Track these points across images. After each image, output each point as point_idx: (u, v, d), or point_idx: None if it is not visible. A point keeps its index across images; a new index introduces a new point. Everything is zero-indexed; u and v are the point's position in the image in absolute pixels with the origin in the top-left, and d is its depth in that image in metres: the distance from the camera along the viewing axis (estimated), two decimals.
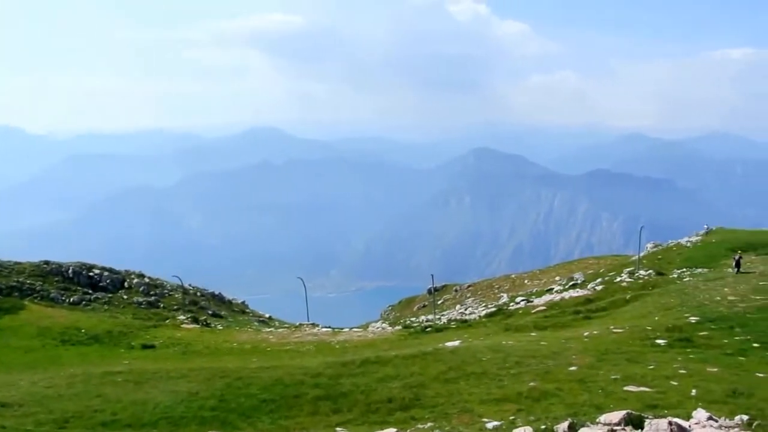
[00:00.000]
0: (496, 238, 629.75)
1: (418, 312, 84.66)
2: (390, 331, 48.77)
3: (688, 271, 53.35)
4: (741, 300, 36.07)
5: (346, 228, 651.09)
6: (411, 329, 47.90)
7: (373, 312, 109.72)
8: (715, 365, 22.69)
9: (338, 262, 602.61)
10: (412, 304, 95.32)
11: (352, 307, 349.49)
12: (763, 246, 61.27)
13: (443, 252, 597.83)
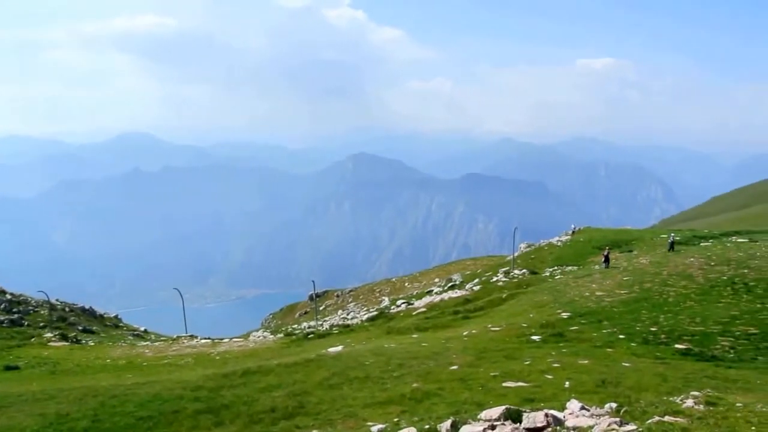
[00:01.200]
0: (376, 243, 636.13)
1: (300, 319, 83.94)
2: (272, 340, 47.94)
3: (559, 269, 55.75)
4: (607, 295, 38.05)
5: (225, 236, 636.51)
6: (293, 337, 47.28)
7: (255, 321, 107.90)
8: (585, 358, 23.76)
9: (217, 271, 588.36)
10: (294, 311, 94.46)
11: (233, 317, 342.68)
12: (626, 243, 65.09)
13: (324, 258, 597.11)
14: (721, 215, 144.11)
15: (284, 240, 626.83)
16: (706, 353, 25.05)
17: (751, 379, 20.17)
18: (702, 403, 11.87)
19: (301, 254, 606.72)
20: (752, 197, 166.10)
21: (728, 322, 29.46)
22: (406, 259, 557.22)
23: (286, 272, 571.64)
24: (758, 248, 49.37)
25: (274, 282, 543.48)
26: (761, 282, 36.93)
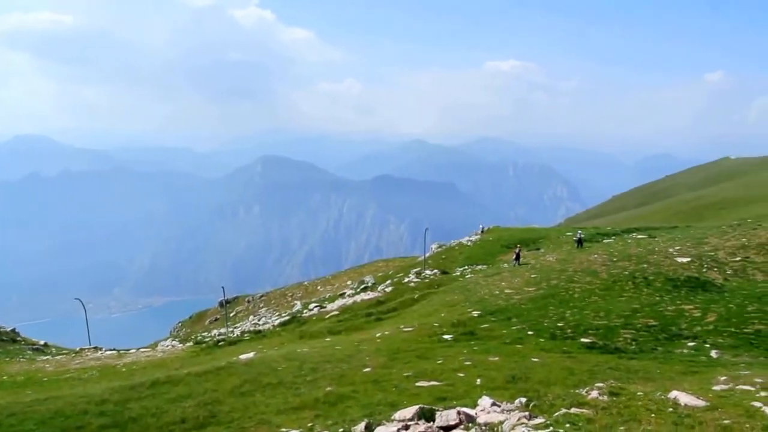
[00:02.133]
0: (287, 246, 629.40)
1: (210, 326, 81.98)
2: (181, 349, 46.51)
3: (469, 269, 56.67)
4: (516, 292, 38.89)
5: (129, 243, 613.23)
6: (203, 345, 45.99)
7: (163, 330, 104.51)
8: (496, 354, 24.17)
9: (122, 279, 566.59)
10: (203, 318, 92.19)
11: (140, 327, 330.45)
12: (533, 241, 66.92)
13: (234, 263, 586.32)
14: (622, 213, 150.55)
15: (192, 246, 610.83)
16: (610, 346, 25.99)
17: (651, 368, 21.02)
18: (606, 393, 12.20)
19: (211, 260, 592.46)
20: (651, 195, 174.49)
21: (630, 315, 30.66)
22: (318, 262, 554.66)
23: (195, 279, 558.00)
24: (656, 244, 51.65)
25: (182, 289, 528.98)
26: (659, 276, 38.63)
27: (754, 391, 12.69)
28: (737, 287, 36.00)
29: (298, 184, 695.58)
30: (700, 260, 42.93)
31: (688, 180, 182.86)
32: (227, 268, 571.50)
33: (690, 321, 29.32)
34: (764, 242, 45.73)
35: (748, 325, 28.17)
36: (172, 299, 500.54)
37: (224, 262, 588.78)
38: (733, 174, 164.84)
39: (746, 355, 24.02)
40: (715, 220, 79.68)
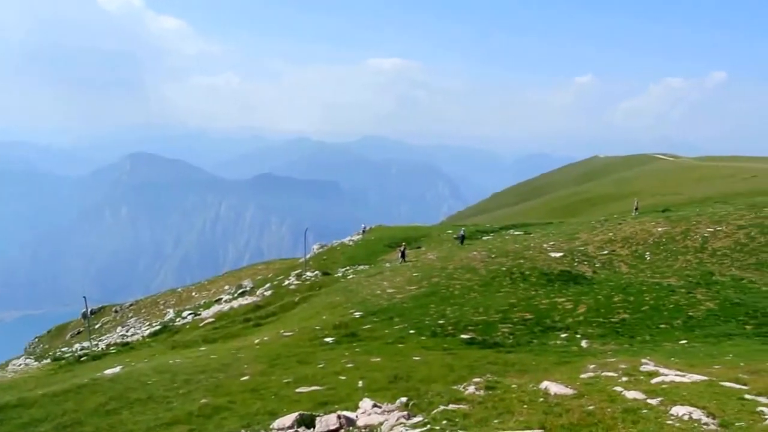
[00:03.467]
0: (160, 250, 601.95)
1: (71, 340, 76.75)
2: (36, 367, 43.28)
3: (351, 269, 56.66)
4: (398, 291, 39.20)
5: None
6: (62, 361, 42.52)
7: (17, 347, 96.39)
8: (378, 355, 24.17)
9: None
10: (64, 332, 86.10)
11: None
12: (415, 240, 67.79)
13: (100, 270, 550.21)
14: (502, 210, 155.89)
15: (51, 252, 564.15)
16: (489, 341, 26.68)
17: (527, 361, 21.68)
18: (482, 388, 12.43)
19: (73, 267, 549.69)
20: (528, 192, 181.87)
21: (507, 310, 31.64)
22: (194, 266, 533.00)
23: (54, 288, 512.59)
24: (532, 240, 53.67)
25: (40, 301, 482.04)
26: (535, 271, 40.16)
27: (617, 377, 13.30)
28: (605, 279, 38.02)
29: (171, 183, 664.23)
30: (571, 255, 45.04)
31: (562, 178, 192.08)
32: (91, 276, 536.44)
33: (563, 313, 30.63)
34: (628, 236, 48.59)
35: (615, 314, 29.77)
36: (27, 313, 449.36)
37: (88, 269, 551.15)
38: (602, 172, 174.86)
39: (613, 343, 25.32)
40: (587, 215, 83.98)
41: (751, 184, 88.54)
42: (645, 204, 75.94)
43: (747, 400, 10.76)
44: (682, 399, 10.69)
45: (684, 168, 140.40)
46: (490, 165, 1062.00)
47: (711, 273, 38.75)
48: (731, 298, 32.02)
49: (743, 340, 24.80)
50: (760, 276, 37.81)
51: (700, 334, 26.25)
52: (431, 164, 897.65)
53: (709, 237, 45.65)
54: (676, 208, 65.16)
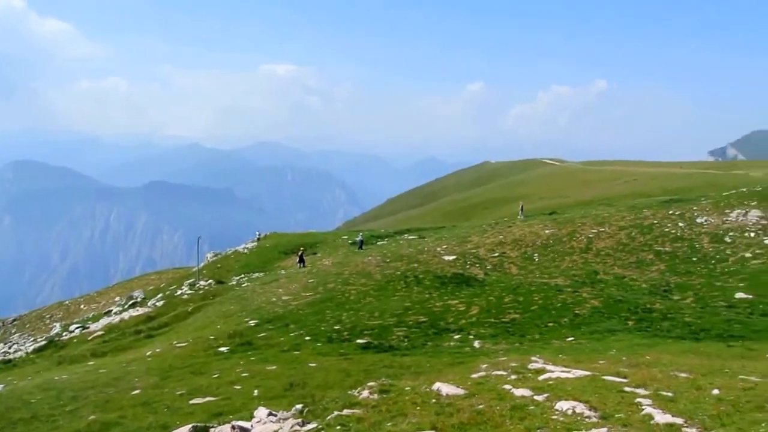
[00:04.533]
0: (45, 262, 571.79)
1: None
2: None
3: (246, 277, 55.76)
4: (294, 298, 38.93)
5: None
6: None
7: None
8: (274, 363, 23.89)
9: None
10: None
11: None
12: (311, 246, 67.46)
13: None
14: (398, 214, 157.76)
15: None
16: (385, 344, 26.88)
17: (422, 363, 22.01)
18: (377, 392, 12.50)
19: None
20: (422, 197, 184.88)
21: (402, 313, 32.01)
22: (83, 278, 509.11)
23: None
24: (426, 244, 54.53)
25: None
26: (429, 274, 40.85)
27: (506, 375, 13.69)
28: (496, 281, 39.14)
29: (57, 192, 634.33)
30: (464, 257, 46.09)
31: (454, 182, 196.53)
32: None
33: (456, 315, 31.29)
34: (518, 238, 50.24)
35: (506, 314, 30.68)
36: None
37: None
38: (493, 176, 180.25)
39: (504, 343, 26.08)
40: (478, 219, 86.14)
41: (632, 187, 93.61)
42: (533, 207, 78.86)
43: (626, 392, 11.32)
44: (566, 394, 11.11)
45: (570, 172, 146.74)
46: (386, 171, 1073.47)
47: (595, 272, 40.69)
48: (614, 295, 33.71)
49: (626, 335, 26.12)
50: (640, 274, 40.05)
51: (586, 330, 27.44)
52: (327, 170, 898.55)
53: (594, 238, 47.90)
54: (562, 210, 67.92)
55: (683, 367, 14.06)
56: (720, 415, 9.67)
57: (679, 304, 32.45)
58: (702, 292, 34.56)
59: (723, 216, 48.38)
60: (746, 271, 38.11)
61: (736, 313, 29.77)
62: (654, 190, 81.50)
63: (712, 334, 25.65)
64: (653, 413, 9.77)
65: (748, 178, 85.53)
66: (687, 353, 19.67)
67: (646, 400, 10.64)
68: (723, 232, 45.73)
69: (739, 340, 24.07)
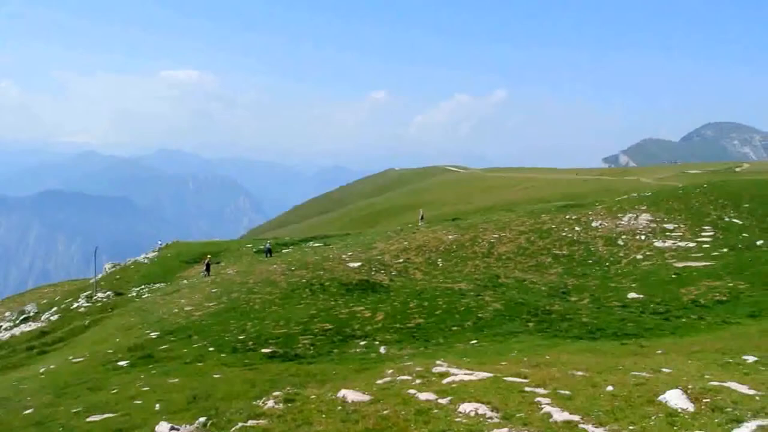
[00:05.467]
0: None
1: None
2: None
3: (146, 288, 54.09)
4: (197, 309, 37.99)
5: None
6: None
7: None
8: (176, 376, 23.21)
9: None
10: None
11: None
12: (214, 255, 66.18)
13: None
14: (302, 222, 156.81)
15: None
16: (290, 353, 26.64)
17: (327, 371, 21.92)
18: (282, 401, 12.40)
19: None
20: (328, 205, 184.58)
21: (308, 321, 31.81)
22: None
23: None
24: (331, 251, 54.50)
25: None
26: (334, 281, 40.78)
27: (411, 380, 13.85)
28: (401, 286, 39.51)
29: None
30: (369, 264, 46.32)
31: (359, 190, 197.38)
32: None
33: (362, 321, 31.38)
34: (422, 244, 50.96)
35: (411, 320, 31.03)
36: None
37: None
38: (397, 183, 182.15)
39: (409, 348, 26.36)
40: (383, 226, 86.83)
41: (531, 193, 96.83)
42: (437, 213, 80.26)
43: (527, 392, 11.66)
44: (470, 396, 11.34)
45: (472, 178, 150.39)
46: (291, 178, 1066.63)
47: (497, 276, 41.78)
48: (515, 298, 34.72)
49: (527, 336, 26.91)
50: (540, 277, 41.44)
51: (488, 333, 28.09)
52: (230, 178, 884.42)
53: (495, 243, 49.21)
54: (465, 216, 69.51)
55: (580, 366, 14.58)
56: (614, 410, 10.11)
57: (577, 305, 33.78)
58: (597, 293, 36.13)
59: (616, 220, 50.74)
60: (638, 272, 40.15)
61: (629, 312, 31.28)
62: (552, 196, 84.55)
63: (608, 333, 26.80)
64: (552, 411, 10.11)
65: (639, 183, 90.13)
66: (584, 352, 20.42)
67: (545, 399, 10.98)
68: (616, 235, 47.97)
69: (632, 338, 25.25)
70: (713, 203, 51.87)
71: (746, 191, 54.43)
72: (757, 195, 52.56)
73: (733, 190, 55.72)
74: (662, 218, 49.75)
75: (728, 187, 57.82)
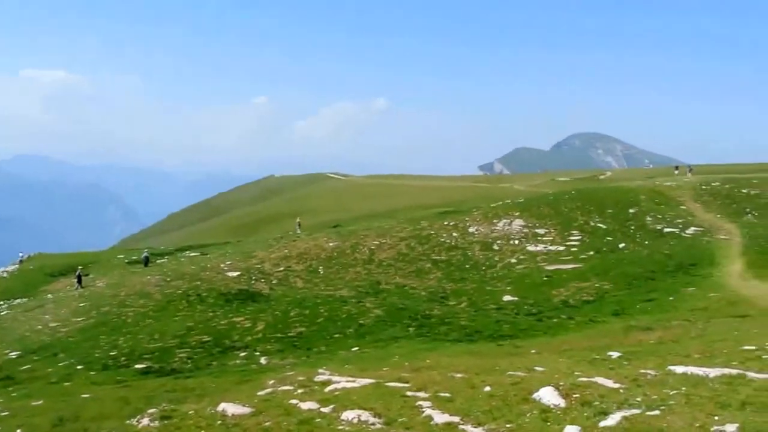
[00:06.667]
0: None
1: None
2: None
3: (5, 304, 50.38)
4: (63, 325, 35.82)
5: None
6: None
7: None
8: (40, 398, 21.68)
9: None
10: None
11: None
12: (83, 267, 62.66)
13: None
14: (179, 231, 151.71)
15: None
16: (166, 368, 25.63)
17: (206, 384, 21.18)
18: (157, 418, 11.93)
19: None
20: (206, 212, 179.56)
21: (185, 334, 30.78)
22: None
23: None
24: (209, 260, 52.99)
25: None
26: (212, 291, 39.73)
27: (293, 389, 13.64)
28: (282, 295, 39.04)
29: None
30: (249, 273, 45.46)
31: (241, 196, 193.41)
32: None
33: (242, 332, 30.72)
34: (303, 252, 50.60)
35: (292, 328, 30.69)
36: None
37: None
38: (278, 190, 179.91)
39: (291, 357, 26.03)
40: (264, 234, 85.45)
41: (411, 200, 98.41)
42: (319, 221, 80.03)
43: (408, 396, 11.72)
44: (352, 403, 11.27)
45: (353, 186, 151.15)
46: (167, 185, 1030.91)
47: (378, 282, 42.12)
48: (396, 304, 35.08)
49: (408, 341, 27.21)
50: (420, 282, 42.14)
51: (370, 339, 28.22)
52: (101, 185, 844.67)
53: (376, 249, 49.61)
54: (346, 223, 69.70)
55: (459, 368, 14.84)
56: (492, 410, 10.33)
57: (455, 308, 34.58)
58: (475, 297, 37.14)
59: (491, 225, 52.42)
60: (512, 275, 41.65)
61: (505, 314, 32.35)
62: (431, 203, 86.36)
63: (485, 335, 27.56)
64: (433, 414, 10.20)
65: (512, 190, 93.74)
66: (463, 354, 20.85)
67: (426, 402, 11.08)
68: (492, 240, 49.57)
69: (508, 339, 26.11)
70: (580, 209, 54.59)
71: (609, 197, 57.74)
72: (619, 201, 55.85)
73: (598, 196, 58.95)
74: (534, 223, 51.83)
75: (593, 193, 61.12)
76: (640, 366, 13.47)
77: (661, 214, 50.97)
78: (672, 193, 57.80)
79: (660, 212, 51.65)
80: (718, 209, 52.18)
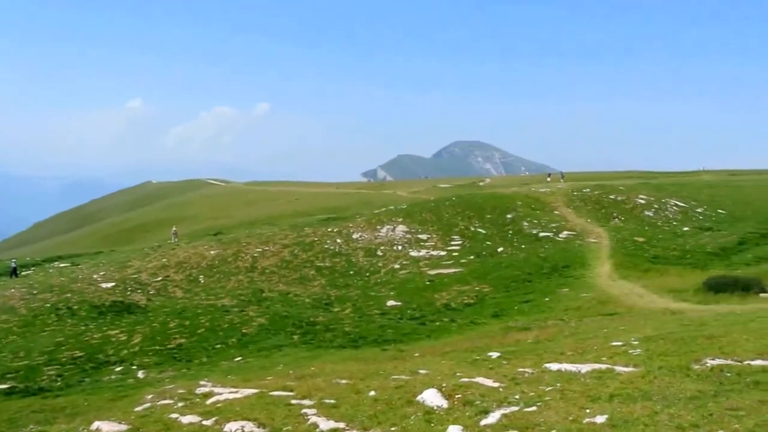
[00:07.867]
0: None
1: None
2: None
3: None
4: None
5: None
6: None
7: None
8: None
9: None
10: None
11: None
12: None
13: None
14: (46, 241, 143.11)
15: None
16: (33, 387, 24.15)
17: (78, 402, 20.11)
18: None
19: None
20: (79, 220, 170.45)
21: (54, 350, 29.10)
22: None
23: None
24: (81, 271, 50.32)
25: None
26: (84, 304, 37.77)
27: (173, 403, 13.14)
28: (160, 306, 37.66)
29: None
30: (124, 284, 43.56)
31: (114, 204, 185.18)
32: None
33: (117, 346, 29.40)
34: (182, 261, 49.04)
35: (171, 340, 29.65)
36: None
37: None
38: (155, 197, 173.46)
39: (171, 370, 25.14)
40: (140, 242, 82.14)
41: (294, 206, 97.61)
42: (199, 228, 77.90)
43: (293, 405, 11.57)
44: (236, 414, 11.00)
45: (234, 192, 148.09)
46: (32, 193, 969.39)
47: (261, 290, 41.47)
48: (280, 311, 34.65)
49: (292, 349, 26.96)
50: (304, 289, 41.84)
51: (254, 348, 27.73)
52: None
53: (258, 257, 48.82)
54: (227, 230, 68.14)
55: (344, 374, 14.82)
56: (376, 414, 10.38)
57: (340, 315, 34.58)
58: (359, 303, 37.29)
59: (375, 232, 52.85)
60: (395, 280, 42.17)
61: (389, 319, 32.70)
62: (314, 209, 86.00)
63: (369, 341, 27.73)
64: (318, 422, 10.12)
65: (395, 196, 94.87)
66: (348, 360, 20.88)
67: (311, 410, 10.97)
68: (375, 246, 49.98)
69: (392, 343, 26.39)
70: (461, 215, 56.02)
71: (488, 203, 59.59)
72: (497, 207, 57.74)
73: (478, 202, 60.68)
74: (417, 229, 52.72)
75: (473, 200, 62.84)
76: (518, 365, 13.94)
77: (536, 219, 53.09)
78: (546, 199, 60.33)
79: (535, 217, 53.79)
80: (588, 214, 55.00)
